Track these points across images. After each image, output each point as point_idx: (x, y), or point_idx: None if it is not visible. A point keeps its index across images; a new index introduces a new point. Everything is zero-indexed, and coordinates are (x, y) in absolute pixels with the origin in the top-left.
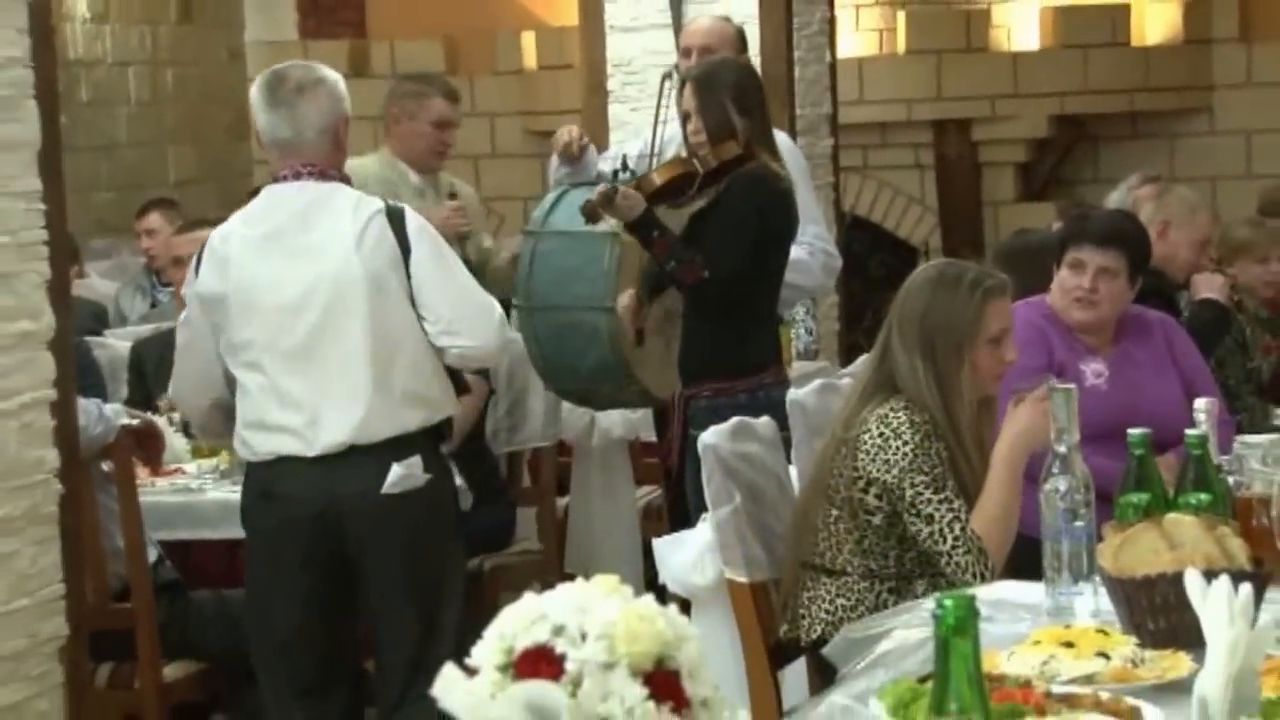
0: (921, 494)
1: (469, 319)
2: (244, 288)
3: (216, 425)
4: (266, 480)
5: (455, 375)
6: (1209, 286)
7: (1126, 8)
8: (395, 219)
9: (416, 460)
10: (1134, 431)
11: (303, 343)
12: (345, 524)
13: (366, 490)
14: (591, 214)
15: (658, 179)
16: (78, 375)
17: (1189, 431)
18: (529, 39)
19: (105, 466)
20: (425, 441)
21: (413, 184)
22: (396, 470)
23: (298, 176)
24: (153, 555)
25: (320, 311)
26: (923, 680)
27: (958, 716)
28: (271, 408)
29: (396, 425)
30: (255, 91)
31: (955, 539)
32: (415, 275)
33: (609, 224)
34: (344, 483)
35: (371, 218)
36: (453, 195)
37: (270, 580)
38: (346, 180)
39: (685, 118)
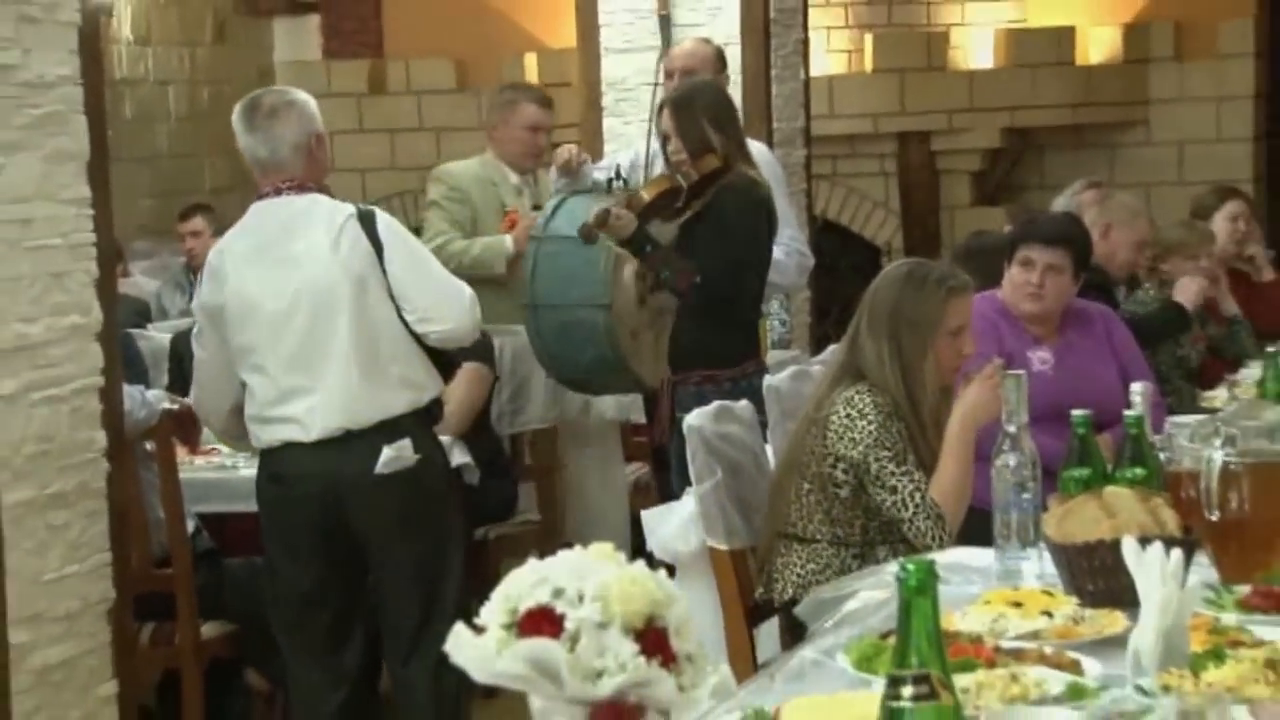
0: (885, 467)
1: (443, 305)
2: (240, 298)
3: (235, 429)
4: (273, 464)
5: (445, 357)
6: (1184, 292)
7: (1071, 30)
8: (366, 222)
9: (406, 443)
10: (1076, 413)
11: (298, 343)
12: (345, 502)
13: (362, 471)
14: (588, 235)
15: (646, 196)
16: (123, 364)
17: (1126, 413)
18: (531, 59)
19: (148, 446)
20: (415, 424)
21: (512, 183)
22: (387, 452)
23: (279, 192)
24: (191, 526)
25: (309, 314)
26: (885, 636)
27: (918, 669)
28: (275, 403)
29: (385, 409)
30: (235, 117)
31: (916, 507)
32: (390, 271)
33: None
34: (341, 465)
35: (345, 223)
36: (536, 207)
37: (281, 553)
38: (325, 191)
39: (665, 139)
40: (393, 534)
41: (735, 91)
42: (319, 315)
